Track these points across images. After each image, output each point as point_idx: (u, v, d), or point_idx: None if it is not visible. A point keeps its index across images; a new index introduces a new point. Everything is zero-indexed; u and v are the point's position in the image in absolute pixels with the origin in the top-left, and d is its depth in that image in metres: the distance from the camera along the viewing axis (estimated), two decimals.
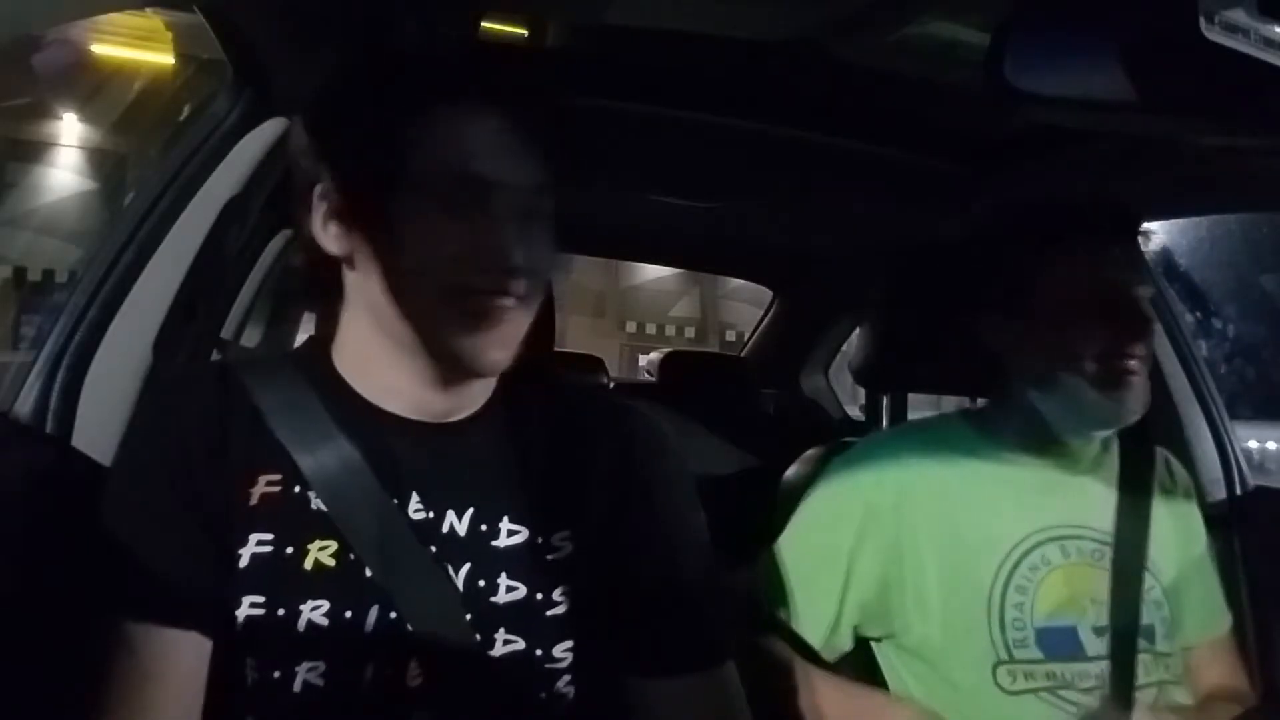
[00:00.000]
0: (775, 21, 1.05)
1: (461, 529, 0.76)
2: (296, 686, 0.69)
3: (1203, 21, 0.57)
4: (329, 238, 0.75)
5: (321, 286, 0.79)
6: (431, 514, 0.76)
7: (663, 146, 1.51)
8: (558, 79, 0.83)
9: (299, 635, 0.70)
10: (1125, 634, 1.02)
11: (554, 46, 1.30)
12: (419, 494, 0.76)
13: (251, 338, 1.99)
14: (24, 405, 0.87)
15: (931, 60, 1.11)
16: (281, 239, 1.82)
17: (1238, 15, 0.58)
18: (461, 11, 1.07)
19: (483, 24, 1.18)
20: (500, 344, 0.74)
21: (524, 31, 1.28)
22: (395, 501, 0.74)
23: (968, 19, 1.03)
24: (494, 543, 0.76)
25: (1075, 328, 1.02)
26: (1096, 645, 1.02)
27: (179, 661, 0.69)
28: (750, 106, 1.37)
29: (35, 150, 9.14)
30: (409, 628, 0.72)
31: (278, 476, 0.73)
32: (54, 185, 9.17)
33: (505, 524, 0.77)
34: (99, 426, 0.89)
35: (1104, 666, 1.01)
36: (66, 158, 9.31)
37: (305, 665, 0.70)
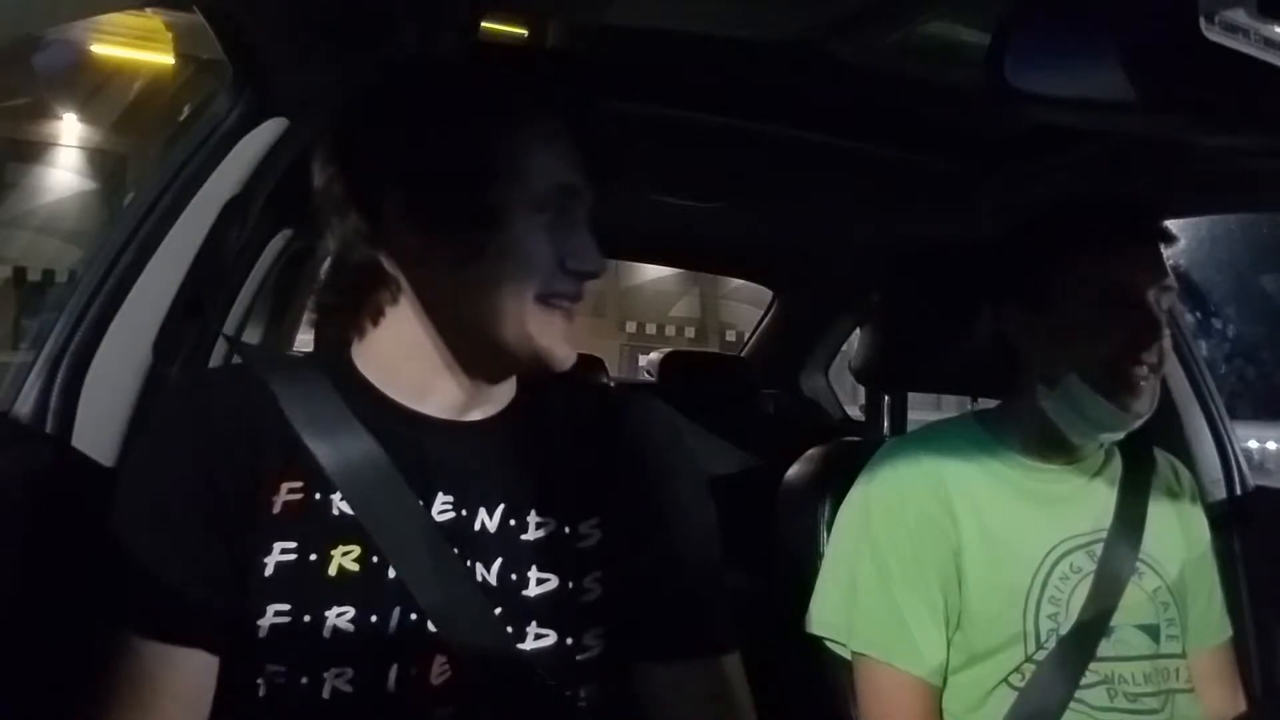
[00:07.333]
0: (775, 21, 1.05)
1: (492, 525, 0.76)
2: (325, 693, 0.69)
3: (1203, 21, 0.57)
4: (404, 242, 0.75)
5: (359, 289, 0.78)
6: (463, 512, 0.76)
7: (663, 146, 1.51)
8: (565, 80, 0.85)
9: (325, 642, 0.70)
10: (1091, 629, 1.02)
11: (554, 46, 1.30)
12: (447, 492, 0.76)
13: (251, 337, 1.99)
14: (24, 405, 0.87)
15: (931, 60, 1.11)
16: (282, 239, 1.82)
17: (1238, 15, 0.58)
18: (461, 11, 1.07)
19: (483, 24, 1.18)
20: (571, 341, 0.79)
21: (524, 32, 1.28)
22: (421, 501, 0.75)
23: (968, 19, 1.03)
24: (523, 536, 0.77)
25: (1093, 328, 1.02)
26: (1130, 645, 1.03)
27: (181, 678, 0.68)
28: (750, 106, 1.37)
29: (35, 150, 9.14)
30: (432, 628, 0.72)
31: (299, 484, 0.73)
32: (54, 185, 9.17)
33: (533, 517, 0.78)
34: (99, 426, 0.89)
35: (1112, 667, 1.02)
36: (66, 158, 9.31)
37: (333, 672, 0.69)
